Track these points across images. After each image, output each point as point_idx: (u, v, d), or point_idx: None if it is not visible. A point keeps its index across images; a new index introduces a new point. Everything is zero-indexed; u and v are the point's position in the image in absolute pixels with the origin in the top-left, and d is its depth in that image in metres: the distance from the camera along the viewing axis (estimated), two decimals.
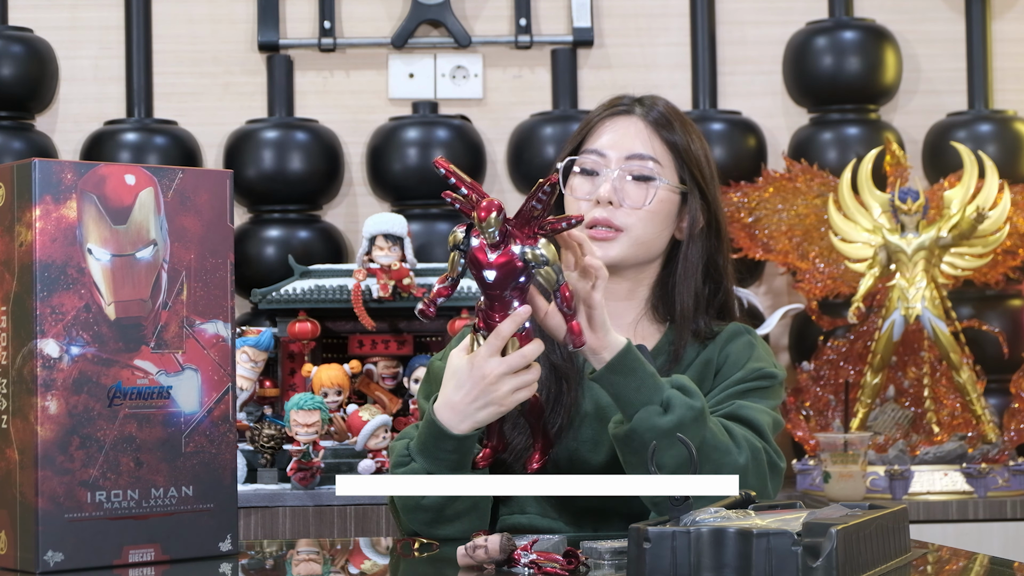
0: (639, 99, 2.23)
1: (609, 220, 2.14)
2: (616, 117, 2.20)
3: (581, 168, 2.18)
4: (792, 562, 1.48)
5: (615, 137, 2.18)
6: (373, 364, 3.35)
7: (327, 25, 3.88)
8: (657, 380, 1.96)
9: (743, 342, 2.16)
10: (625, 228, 2.14)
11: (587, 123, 2.22)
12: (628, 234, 2.14)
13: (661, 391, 1.95)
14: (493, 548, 1.66)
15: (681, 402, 1.94)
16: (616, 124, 2.20)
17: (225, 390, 1.83)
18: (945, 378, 3.46)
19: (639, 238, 2.15)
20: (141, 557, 1.77)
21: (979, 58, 3.88)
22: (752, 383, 2.12)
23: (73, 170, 1.75)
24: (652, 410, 1.93)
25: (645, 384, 1.94)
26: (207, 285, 1.83)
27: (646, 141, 2.18)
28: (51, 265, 1.73)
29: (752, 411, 2.07)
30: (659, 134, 2.18)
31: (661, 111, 2.20)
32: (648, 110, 2.20)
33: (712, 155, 2.25)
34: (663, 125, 2.19)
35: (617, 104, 2.22)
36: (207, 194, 1.84)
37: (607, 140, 2.18)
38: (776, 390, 2.15)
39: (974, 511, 3.18)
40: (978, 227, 3.37)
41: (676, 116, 2.21)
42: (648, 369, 1.95)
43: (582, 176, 2.18)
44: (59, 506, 1.72)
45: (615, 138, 2.18)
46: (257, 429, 3.16)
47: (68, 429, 1.72)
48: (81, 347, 1.74)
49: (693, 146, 2.20)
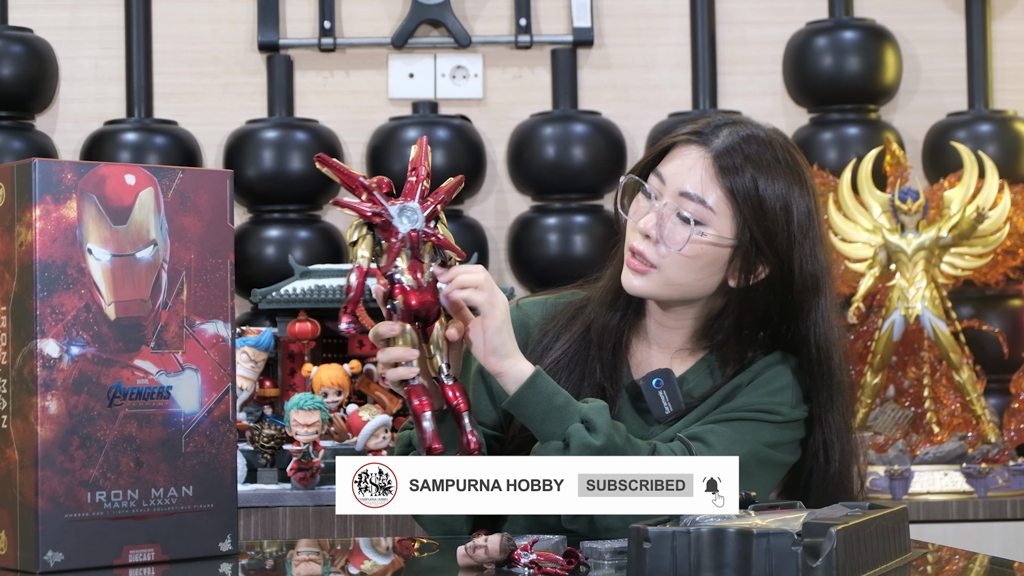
0: (722, 124, 2.03)
1: (644, 253, 2.01)
2: (690, 145, 2.01)
3: (645, 188, 2.03)
4: (792, 562, 1.48)
5: (678, 166, 2.01)
6: (373, 364, 3.35)
7: (327, 25, 3.88)
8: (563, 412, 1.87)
9: (776, 372, 2.04)
10: (659, 267, 2.00)
11: (666, 143, 2.05)
12: (660, 273, 2.01)
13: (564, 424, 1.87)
14: (493, 548, 1.66)
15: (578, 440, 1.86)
16: (686, 152, 2.01)
17: (225, 390, 1.83)
18: (945, 378, 3.46)
19: (671, 280, 2.01)
20: (141, 557, 1.77)
21: (979, 58, 3.88)
22: (747, 413, 2.00)
23: (73, 170, 1.75)
24: (553, 446, 1.88)
25: (549, 417, 1.88)
26: (207, 285, 1.83)
27: (703, 181, 1.99)
28: (51, 265, 1.72)
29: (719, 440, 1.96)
30: (722, 178, 1.98)
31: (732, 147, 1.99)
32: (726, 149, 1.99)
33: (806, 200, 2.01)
34: (729, 167, 1.98)
35: (700, 127, 2.03)
36: (207, 194, 1.84)
37: (672, 167, 2.01)
38: (777, 427, 2.01)
39: (974, 511, 3.18)
40: (978, 227, 3.37)
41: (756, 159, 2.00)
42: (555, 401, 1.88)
43: (643, 196, 2.04)
44: (59, 506, 1.72)
45: (678, 168, 2.01)
46: (257, 429, 3.16)
47: (68, 429, 1.72)
48: (81, 347, 1.73)
49: (764, 194, 1.98)
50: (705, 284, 2.02)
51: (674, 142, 2.04)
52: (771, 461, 2.02)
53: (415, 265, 1.86)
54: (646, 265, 2.01)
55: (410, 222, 1.86)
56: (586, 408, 1.89)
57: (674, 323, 2.09)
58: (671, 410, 2.03)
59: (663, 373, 2.04)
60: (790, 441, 2.04)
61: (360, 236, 1.86)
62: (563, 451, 1.86)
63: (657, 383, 2.03)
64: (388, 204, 1.86)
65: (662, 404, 2.03)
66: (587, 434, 1.86)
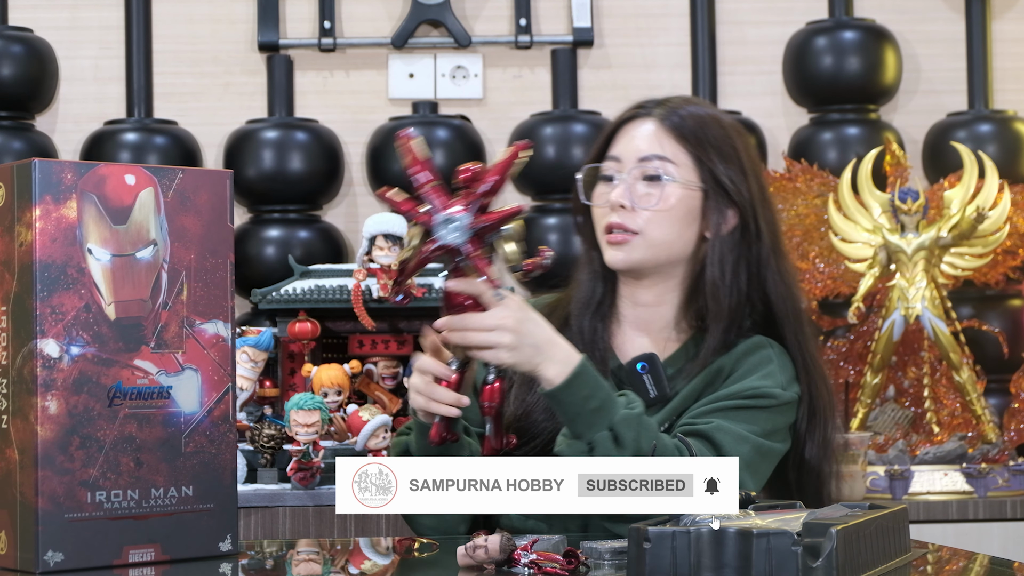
0: (662, 100, 2.17)
1: (623, 224, 2.09)
2: (633, 121, 2.16)
3: (601, 175, 2.15)
4: (792, 562, 1.48)
5: (628, 140, 2.15)
6: (373, 364, 3.35)
7: (327, 25, 3.88)
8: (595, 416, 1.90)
9: (761, 356, 2.08)
10: (640, 231, 2.09)
11: (608, 128, 2.20)
12: (644, 236, 2.09)
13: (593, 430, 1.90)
14: (493, 548, 1.66)
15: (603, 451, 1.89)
16: (632, 128, 2.15)
17: (225, 390, 1.83)
18: (945, 378, 3.46)
19: (655, 240, 2.09)
20: (141, 557, 1.77)
21: (979, 58, 3.88)
22: (743, 401, 2.03)
23: (73, 170, 1.75)
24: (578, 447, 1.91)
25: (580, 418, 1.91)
26: (207, 285, 1.83)
27: (658, 141, 2.12)
28: (51, 265, 1.72)
29: (726, 437, 1.98)
30: (673, 133, 2.12)
31: (678, 110, 2.14)
32: (667, 111, 2.14)
33: (754, 155, 2.17)
34: (678, 124, 2.12)
35: (637, 108, 2.18)
36: (207, 194, 1.84)
37: (622, 144, 2.15)
38: (771, 412, 2.04)
39: (974, 511, 3.18)
40: (978, 227, 3.37)
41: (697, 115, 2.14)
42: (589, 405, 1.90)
43: (602, 183, 2.15)
44: (59, 506, 1.72)
45: (628, 141, 2.14)
46: (257, 429, 3.16)
47: (68, 429, 1.72)
48: (81, 347, 1.73)
49: (716, 143, 2.11)
50: (684, 238, 2.10)
51: (617, 124, 2.17)
52: (771, 453, 2.05)
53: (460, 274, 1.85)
54: (628, 234, 2.09)
55: (450, 237, 1.82)
56: (617, 418, 1.90)
57: (654, 299, 2.13)
58: (656, 394, 2.06)
59: (647, 357, 2.08)
60: (783, 428, 2.07)
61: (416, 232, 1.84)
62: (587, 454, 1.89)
63: (642, 367, 2.07)
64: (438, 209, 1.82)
65: (647, 388, 2.06)
66: (612, 446, 1.89)
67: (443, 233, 1.81)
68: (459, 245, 1.81)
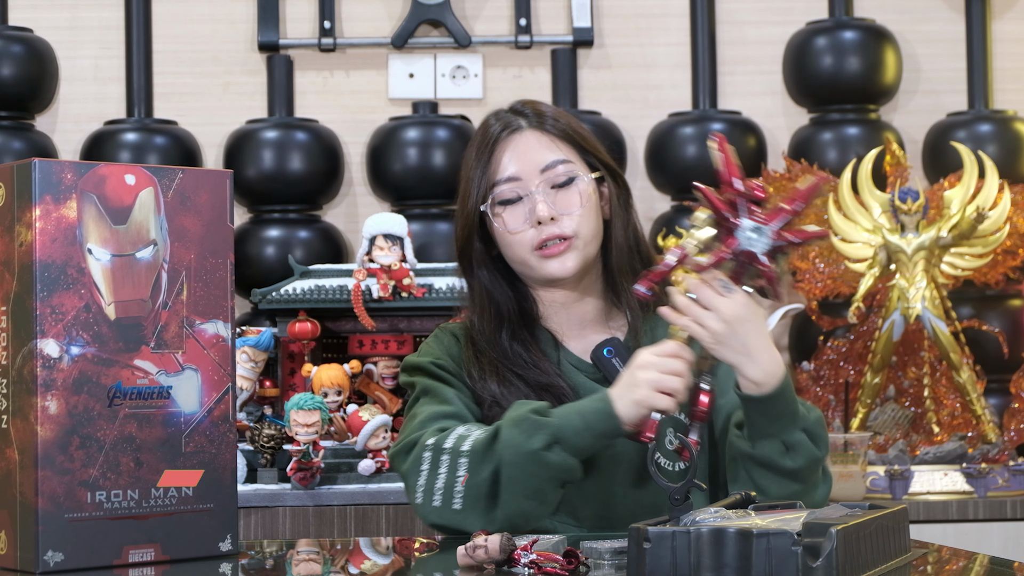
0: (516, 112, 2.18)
1: (559, 233, 2.11)
2: (509, 139, 2.16)
3: (502, 200, 2.14)
4: (792, 562, 1.48)
5: (519, 157, 2.14)
6: (373, 364, 3.35)
7: (327, 25, 3.88)
8: (792, 419, 1.97)
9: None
10: (574, 233, 2.12)
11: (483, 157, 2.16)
12: (578, 238, 2.13)
13: (790, 431, 1.97)
14: (493, 548, 1.66)
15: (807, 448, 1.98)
16: (513, 145, 2.15)
17: (225, 390, 1.83)
18: (945, 378, 3.46)
19: (586, 239, 2.14)
20: (141, 557, 1.77)
21: (979, 58, 3.88)
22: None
23: (73, 170, 1.75)
24: (775, 447, 1.97)
25: (781, 420, 1.97)
26: (207, 285, 1.83)
27: (548, 147, 2.15)
28: (51, 265, 1.72)
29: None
30: (554, 135, 2.15)
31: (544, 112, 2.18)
32: (534, 119, 2.16)
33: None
34: (551, 126, 2.16)
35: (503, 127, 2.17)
36: (207, 194, 1.84)
37: (513, 163, 2.14)
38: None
39: (974, 511, 3.18)
40: (978, 227, 3.37)
41: (556, 111, 2.20)
42: (791, 407, 1.96)
43: (508, 207, 2.14)
44: (59, 506, 1.72)
45: (520, 158, 2.14)
46: (257, 429, 3.16)
47: (68, 429, 1.72)
48: (81, 347, 1.74)
49: (579, 130, 2.18)
50: (599, 226, 2.17)
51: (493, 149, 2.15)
52: None
53: (733, 279, 1.87)
54: (564, 241, 2.12)
55: (751, 244, 1.84)
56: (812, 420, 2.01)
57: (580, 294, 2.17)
58: None
59: (611, 342, 2.12)
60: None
61: (704, 223, 1.86)
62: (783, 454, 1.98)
63: (608, 352, 2.11)
64: (747, 216, 1.84)
65: (618, 370, 2.06)
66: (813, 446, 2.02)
67: (749, 240, 1.84)
68: (760, 254, 1.85)
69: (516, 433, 1.94)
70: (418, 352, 2.19)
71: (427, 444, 1.98)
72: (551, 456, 1.92)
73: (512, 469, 1.93)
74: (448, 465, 1.96)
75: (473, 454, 1.95)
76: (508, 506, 1.93)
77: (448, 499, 1.95)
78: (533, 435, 1.93)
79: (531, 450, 1.92)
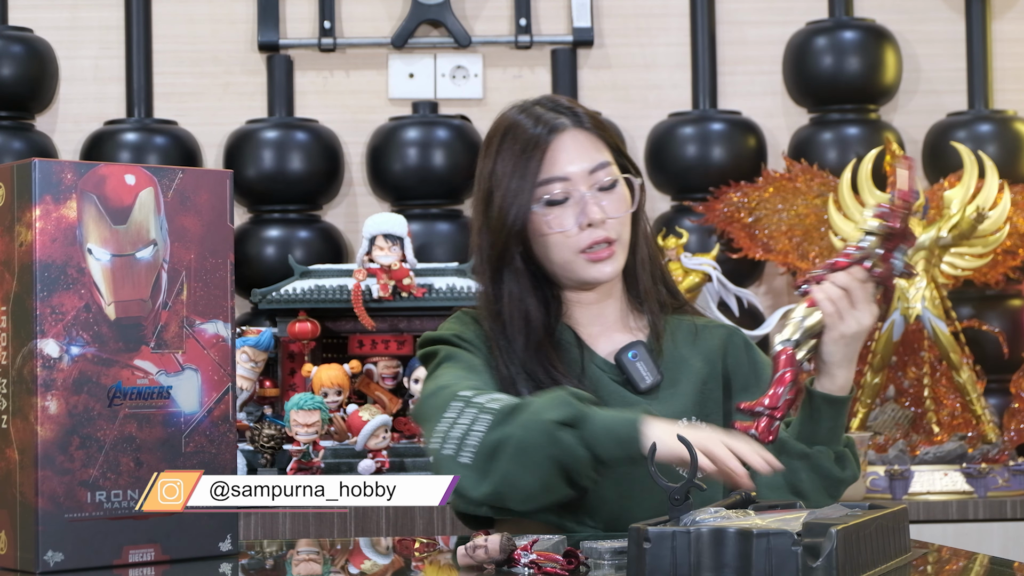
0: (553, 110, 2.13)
1: (606, 236, 2.09)
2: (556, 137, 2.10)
3: (550, 200, 2.08)
4: (792, 562, 1.48)
5: (567, 156, 2.09)
6: (373, 364, 3.35)
7: (327, 25, 3.88)
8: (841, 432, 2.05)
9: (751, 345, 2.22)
10: (618, 237, 2.10)
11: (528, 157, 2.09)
12: (620, 242, 2.11)
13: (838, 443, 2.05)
14: (493, 548, 1.66)
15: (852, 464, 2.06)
16: (561, 143, 2.10)
17: (225, 390, 1.83)
18: (945, 378, 3.46)
19: (626, 241, 2.12)
20: (141, 557, 1.77)
21: (979, 58, 3.88)
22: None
23: (73, 170, 1.75)
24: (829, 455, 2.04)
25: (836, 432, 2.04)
26: (207, 285, 1.83)
27: (595, 146, 2.11)
28: (51, 265, 1.72)
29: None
30: (594, 136, 2.12)
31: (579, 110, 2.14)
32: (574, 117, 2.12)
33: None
34: (591, 125, 2.12)
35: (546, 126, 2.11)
36: (207, 194, 1.84)
37: (563, 163, 2.09)
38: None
39: (974, 511, 3.18)
40: (978, 227, 3.37)
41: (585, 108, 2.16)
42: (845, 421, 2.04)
43: (555, 208, 2.09)
44: (59, 506, 1.72)
45: (568, 157, 2.09)
46: (257, 429, 3.16)
47: (68, 429, 1.72)
48: (81, 347, 1.73)
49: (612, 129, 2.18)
50: (630, 227, 2.14)
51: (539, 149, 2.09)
52: None
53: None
54: (610, 245, 2.09)
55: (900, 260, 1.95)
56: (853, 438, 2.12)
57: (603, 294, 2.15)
58: (651, 380, 2.09)
59: (635, 345, 2.11)
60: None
61: (879, 230, 1.93)
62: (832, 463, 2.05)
63: (633, 355, 2.10)
64: (904, 239, 1.94)
65: (642, 375, 2.09)
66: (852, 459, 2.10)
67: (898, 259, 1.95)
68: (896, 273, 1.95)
69: (542, 403, 1.91)
70: (438, 329, 2.13)
71: (459, 394, 1.94)
72: (562, 434, 1.87)
73: (521, 431, 1.88)
74: (471, 418, 1.91)
75: (498, 414, 1.90)
76: (502, 468, 1.88)
77: (458, 450, 1.90)
78: (555, 408, 1.89)
79: (545, 420, 1.88)
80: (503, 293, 2.11)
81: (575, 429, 1.88)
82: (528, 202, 2.08)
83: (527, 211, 2.08)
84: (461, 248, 3.72)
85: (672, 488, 1.64)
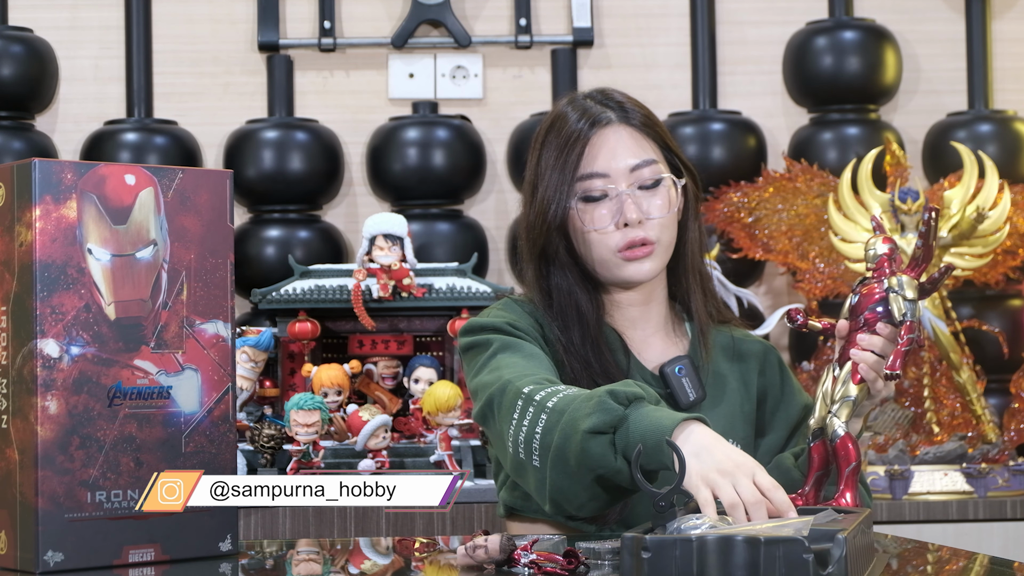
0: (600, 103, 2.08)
1: (644, 237, 2.04)
2: (599, 131, 2.06)
3: (588, 196, 2.05)
4: (804, 570, 1.44)
5: (608, 152, 2.05)
6: (373, 364, 3.35)
7: (327, 25, 3.88)
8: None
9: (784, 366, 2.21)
10: (657, 239, 2.05)
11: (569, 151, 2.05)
12: (660, 243, 2.06)
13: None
14: (493, 548, 1.66)
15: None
16: (603, 139, 2.05)
17: (225, 390, 1.83)
18: (945, 378, 3.46)
19: (667, 244, 2.08)
20: (141, 557, 1.77)
21: (979, 58, 3.88)
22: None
23: (73, 170, 1.75)
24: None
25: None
26: (207, 285, 1.83)
27: (637, 146, 2.06)
28: (51, 265, 1.72)
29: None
30: (642, 133, 2.07)
31: (628, 104, 2.08)
32: (622, 112, 2.07)
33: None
34: (639, 121, 2.07)
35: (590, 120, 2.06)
36: (207, 194, 1.84)
37: (601, 159, 2.05)
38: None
39: (974, 511, 3.18)
40: (978, 227, 3.37)
41: (636, 102, 2.10)
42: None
43: (593, 204, 2.05)
44: (59, 506, 1.72)
45: (608, 153, 2.05)
46: (257, 429, 3.16)
47: (68, 429, 1.72)
48: (81, 347, 1.73)
49: (661, 126, 2.10)
50: (675, 229, 2.10)
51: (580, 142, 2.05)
52: None
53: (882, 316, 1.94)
54: (647, 246, 2.05)
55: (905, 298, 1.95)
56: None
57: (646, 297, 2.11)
58: (695, 396, 2.07)
59: (683, 360, 2.08)
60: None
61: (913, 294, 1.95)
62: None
63: (679, 370, 2.07)
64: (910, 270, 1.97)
65: (686, 390, 2.07)
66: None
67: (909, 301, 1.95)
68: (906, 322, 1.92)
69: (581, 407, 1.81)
70: (483, 315, 2.08)
71: (523, 391, 1.88)
72: (592, 444, 1.78)
73: (560, 439, 1.81)
74: (531, 418, 1.84)
75: (552, 414, 1.83)
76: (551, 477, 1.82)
77: (529, 453, 1.84)
78: (591, 415, 1.79)
79: (580, 428, 1.79)
80: (551, 287, 2.09)
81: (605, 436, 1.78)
82: (567, 197, 2.05)
83: (566, 206, 2.05)
84: (461, 248, 3.72)
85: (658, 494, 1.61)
